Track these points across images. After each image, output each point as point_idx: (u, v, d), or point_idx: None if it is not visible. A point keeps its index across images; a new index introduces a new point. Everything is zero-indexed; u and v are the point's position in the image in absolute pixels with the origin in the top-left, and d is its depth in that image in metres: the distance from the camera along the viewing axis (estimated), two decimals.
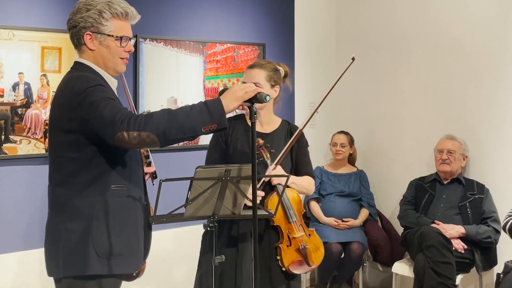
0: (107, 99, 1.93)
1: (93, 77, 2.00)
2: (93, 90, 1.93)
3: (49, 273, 2.07)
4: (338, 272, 4.21)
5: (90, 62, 2.08)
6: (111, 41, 2.05)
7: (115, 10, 2.04)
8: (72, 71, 2.08)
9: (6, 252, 3.34)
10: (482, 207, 3.72)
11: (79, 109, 1.94)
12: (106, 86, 2.03)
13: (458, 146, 3.84)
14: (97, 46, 2.05)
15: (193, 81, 4.05)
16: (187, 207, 2.23)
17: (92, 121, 1.92)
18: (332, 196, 4.31)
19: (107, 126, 1.87)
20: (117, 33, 2.06)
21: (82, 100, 1.93)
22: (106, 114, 1.88)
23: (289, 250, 2.62)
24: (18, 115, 3.35)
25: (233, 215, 2.38)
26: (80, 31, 2.04)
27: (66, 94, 1.99)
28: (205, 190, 2.21)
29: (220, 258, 2.29)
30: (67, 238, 1.98)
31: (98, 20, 2.02)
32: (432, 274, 3.45)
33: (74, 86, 1.97)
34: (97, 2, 2.04)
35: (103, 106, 1.90)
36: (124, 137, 1.84)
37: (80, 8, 2.04)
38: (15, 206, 3.37)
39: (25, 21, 3.34)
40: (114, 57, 2.08)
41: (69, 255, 1.98)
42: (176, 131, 1.87)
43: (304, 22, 4.67)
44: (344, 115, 4.83)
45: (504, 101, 3.77)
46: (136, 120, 1.86)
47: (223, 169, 2.20)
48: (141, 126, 1.84)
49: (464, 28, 3.97)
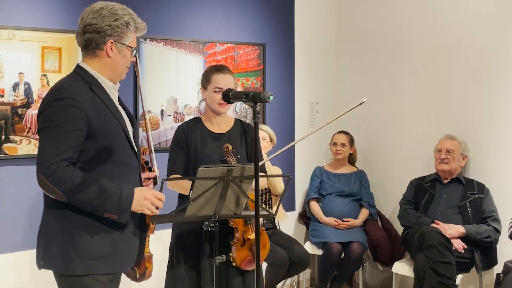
0: (62, 127, 1.97)
1: (73, 89, 2.04)
2: (59, 106, 1.99)
3: (36, 262, 2.16)
4: (338, 272, 4.21)
5: (91, 68, 2.13)
6: (128, 52, 2.16)
7: (137, 25, 2.16)
8: (68, 75, 2.16)
9: (6, 252, 3.34)
10: (482, 207, 3.72)
11: (39, 118, 2.04)
12: (84, 99, 2.04)
13: (458, 146, 3.84)
14: (115, 54, 2.13)
15: (193, 81, 4.04)
16: (188, 207, 2.23)
17: (39, 135, 2.04)
18: (332, 196, 4.31)
19: (40, 160, 1.98)
20: (133, 44, 2.17)
21: (45, 108, 2.02)
22: (47, 149, 1.98)
23: (242, 249, 2.71)
24: (18, 115, 3.34)
25: (235, 215, 2.38)
26: (104, 38, 2.10)
27: (44, 98, 2.08)
28: (207, 190, 2.21)
29: (221, 258, 2.29)
30: (51, 234, 2.08)
31: (125, 31, 2.12)
32: (432, 274, 3.45)
33: (49, 92, 2.07)
34: (123, 13, 2.13)
35: (51, 137, 1.98)
36: (42, 181, 1.98)
37: (107, 16, 2.10)
38: (15, 206, 3.36)
39: (25, 21, 3.34)
40: (126, 65, 2.19)
41: (50, 250, 2.07)
42: (84, 202, 1.99)
43: (304, 22, 4.67)
44: (344, 115, 4.82)
45: (504, 101, 3.77)
46: (61, 175, 1.95)
47: (225, 169, 2.20)
48: (60, 185, 1.96)
49: (464, 29, 3.97)
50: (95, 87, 2.10)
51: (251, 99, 2.00)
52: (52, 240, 2.08)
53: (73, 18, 3.52)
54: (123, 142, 2.13)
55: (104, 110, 2.09)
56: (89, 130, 2.02)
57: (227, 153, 2.70)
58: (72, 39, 3.49)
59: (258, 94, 2.00)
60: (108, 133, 2.07)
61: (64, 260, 2.04)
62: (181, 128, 2.85)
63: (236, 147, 2.80)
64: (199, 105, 3.10)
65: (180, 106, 3.99)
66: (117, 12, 2.11)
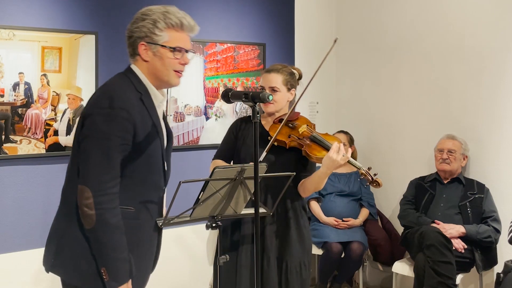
0: (111, 140, 1.84)
1: (126, 99, 1.90)
2: (110, 116, 1.85)
3: (43, 262, 2.04)
4: (338, 272, 4.21)
5: (141, 73, 2.00)
6: (165, 52, 1.97)
7: (170, 20, 1.97)
8: (119, 76, 2.02)
9: (6, 252, 3.34)
10: (482, 207, 3.72)
11: (85, 120, 1.90)
12: (135, 112, 1.90)
13: (459, 146, 3.84)
14: (151, 57, 1.98)
15: (193, 81, 4.05)
16: (196, 208, 2.22)
17: (81, 146, 1.89)
18: (332, 196, 4.30)
19: (89, 176, 1.84)
20: (171, 44, 1.97)
21: (94, 114, 1.87)
22: (96, 165, 1.84)
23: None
24: (18, 115, 3.34)
25: (235, 213, 2.38)
26: (136, 41, 1.98)
27: (92, 100, 1.94)
28: (218, 191, 2.20)
29: (224, 258, 2.29)
30: (69, 239, 1.94)
31: (152, 30, 1.95)
32: (432, 273, 3.45)
33: (99, 96, 1.93)
34: (153, 11, 1.97)
35: (99, 150, 1.85)
36: (87, 198, 1.83)
37: (137, 18, 1.99)
38: (15, 206, 3.37)
39: (25, 21, 3.34)
40: (168, 69, 1.99)
41: (62, 256, 1.95)
42: (100, 243, 1.86)
43: (304, 22, 4.67)
44: (344, 114, 4.84)
45: (504, 101, 3.77)
46: (105, 213, 1.83)
47: (240, 169, 2.20)
48: (99, 223, 1.83)
49: (464, 28, 3.97)
50: (145, 98, 1.97)
51: (251, 98, 2.00)
52: (68, 246, 1.93)
53: (73, 18, 3.53)
54: (158, 163, 2.02)
55: (149, 126, 1.96)
56: (131, 145, 1.90)
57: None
58: (72, 39, 3.50)
59: (258, 93, 2.00)
60: (148, 152, 1.96)
61: (79, 272, 1.91)
62: None
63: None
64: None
65: (180, 106, 3.99)
66: (147, 12, 1.97)
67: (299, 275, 2.76)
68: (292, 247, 2.75)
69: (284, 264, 2.75)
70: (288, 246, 2.76)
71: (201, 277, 4.05)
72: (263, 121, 2.89)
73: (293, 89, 2.87)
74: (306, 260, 2.81)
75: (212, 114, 4.15)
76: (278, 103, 2.80)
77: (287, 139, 2.71)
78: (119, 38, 3.69)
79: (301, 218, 2.82)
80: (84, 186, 1.84)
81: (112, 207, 1.86)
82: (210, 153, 4.25)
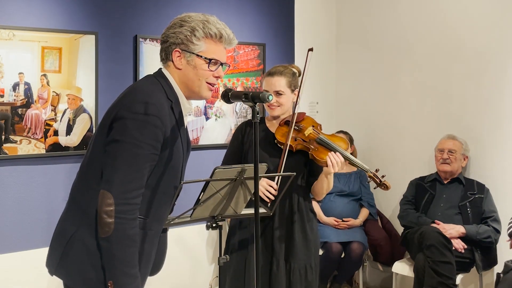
0: (142, 148, 1.76)
1: (160, 107, 1.82)
2: (143, 122, 1.77)
3: (47, 264, 1.96)
4: (338, 272, 4.20)
5: (173, 79, 1.93)
6: (200, 63, 1.90)
7: (209, 30, 1.91)
8: (151, 80, 1.93)
9: (7, 252, 3.34)
10: (482, 207, 3.72)
11: (115, 123, 1.81)
12: (166, 121, 1.83)
13: (459, 146, 3.84)
14: (184, 65, 1.91)
15: None
16: (196, 209, 2.22)
17: (108, 149, 1.80)
18: (332, 196, 4.30)
19: (114, 181, 1.75)
20: (207, 54, 1.90)
21: (126, 118, 1.78)
22: (124, 171, 1.75)
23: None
24: (18, 115, 3.34)
25: (235, 214, 2.38)
26: (170, 47, 1.92)
27: (123, 101, 1.85)
28: (218, 191, 2.20)
29: (224, 258, 2.29)
30: (77, 248, 1.85)
31: (190, 37, 1.89)
32: (432, 273, 3.45)
33: (133, 99, 1.82)
34: (193, 19, 1.93)
35: (129, 157, 1.75)
36: (108, 205, 1.73)
37: (175, 23, 1.94)
38: (15, 206, 3.37)
39: (25, 21, 3.34)
40: (200, 80, 1.92)
41: (72, 264, 1.86)
42: (111, 254, 1.76)
43: (304, 22, 4.67)
44: (344, 115, 4.84)
45: (504, 101, 3.77)
46: (125, 225, 1.74)
47: (240, 169, 2.20)
48: (117, 232, 1.73)
49: (464, 28, 3.97)
50: (175, 107, 1.90)
51: (251, 99, 1.99)
52: (75, 250, 1.84)
53: (73, 18, 3.53)
54: (177, 175, 1.95)
55: (176, 137, 1.89)
56: (159, 155, 1.83)
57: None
58: (72, 39, 3.50)
59: (258, 94, 1.99)
60: (171, 164, 1.89)
61: (84, 279, 1.83)
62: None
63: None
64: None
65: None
66: (187, 19, 1.92)
67: (304, 277, 2.76)
68: (297, 248, 2.75)
69: (288, 265, 2.75)
70: (293, 247, 2.76)
71: (201, 277, 4.05)
72: (268, 123, 2.88)
73: (296, 89, 2.86)
74: (313, 263, 2.80)
75: (212, 114, 4.15)
76: (284, 105, 2.79)
77: (293, 143, 2.71)
78: (119, 38, 3.69)
79: (308, 220, 2.81)
80: (107, 192, 1.74)
81: (132, 218, 1.77)
82: (210, 153, 4.25)
